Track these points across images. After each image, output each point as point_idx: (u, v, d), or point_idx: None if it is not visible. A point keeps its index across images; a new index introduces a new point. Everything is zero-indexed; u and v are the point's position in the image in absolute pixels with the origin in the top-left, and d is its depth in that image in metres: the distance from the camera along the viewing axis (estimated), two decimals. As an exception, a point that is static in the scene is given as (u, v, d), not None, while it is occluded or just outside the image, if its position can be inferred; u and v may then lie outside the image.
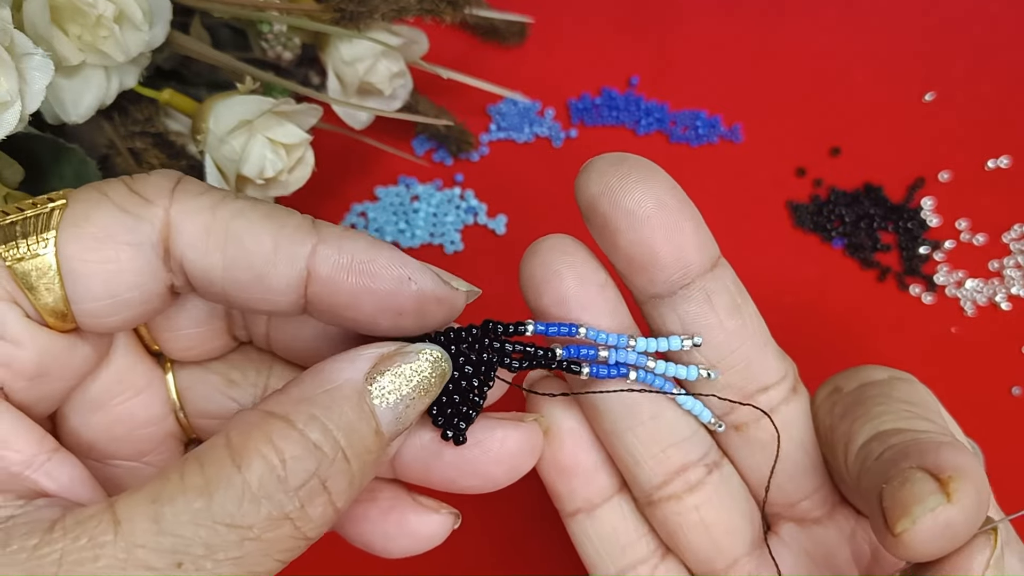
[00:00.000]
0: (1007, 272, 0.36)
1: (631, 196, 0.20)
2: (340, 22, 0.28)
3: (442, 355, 0.18)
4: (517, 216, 0.37)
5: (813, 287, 0.37)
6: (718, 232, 0.40)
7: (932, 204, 0.37)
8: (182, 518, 0.15)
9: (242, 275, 0.17)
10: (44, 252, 0.16)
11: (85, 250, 0.16)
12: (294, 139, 0.27)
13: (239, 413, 0.17)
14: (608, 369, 0.20)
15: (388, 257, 0.17)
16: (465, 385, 0.19)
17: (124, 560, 0.14)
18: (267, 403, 0.17)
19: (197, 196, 0.17)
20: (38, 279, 0.16)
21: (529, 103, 0.39)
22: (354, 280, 0.17)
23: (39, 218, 0.16)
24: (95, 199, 0.17)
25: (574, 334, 0.20)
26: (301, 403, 0.16)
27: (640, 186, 0.20)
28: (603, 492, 0.23)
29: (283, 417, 0.16)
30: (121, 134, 0.28)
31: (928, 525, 0.17)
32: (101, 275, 0.17)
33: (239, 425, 0.16)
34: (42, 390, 0.17)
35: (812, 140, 0.38)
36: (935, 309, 0.36)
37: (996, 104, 0.39)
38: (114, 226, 0.17)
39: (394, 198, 0.37)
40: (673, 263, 0.20)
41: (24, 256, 0.16)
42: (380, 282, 0.17)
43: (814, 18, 0.40)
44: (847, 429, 0.21)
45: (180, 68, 0.32)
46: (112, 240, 0.17)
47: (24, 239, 0.16)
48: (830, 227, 0.37)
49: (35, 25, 0.24)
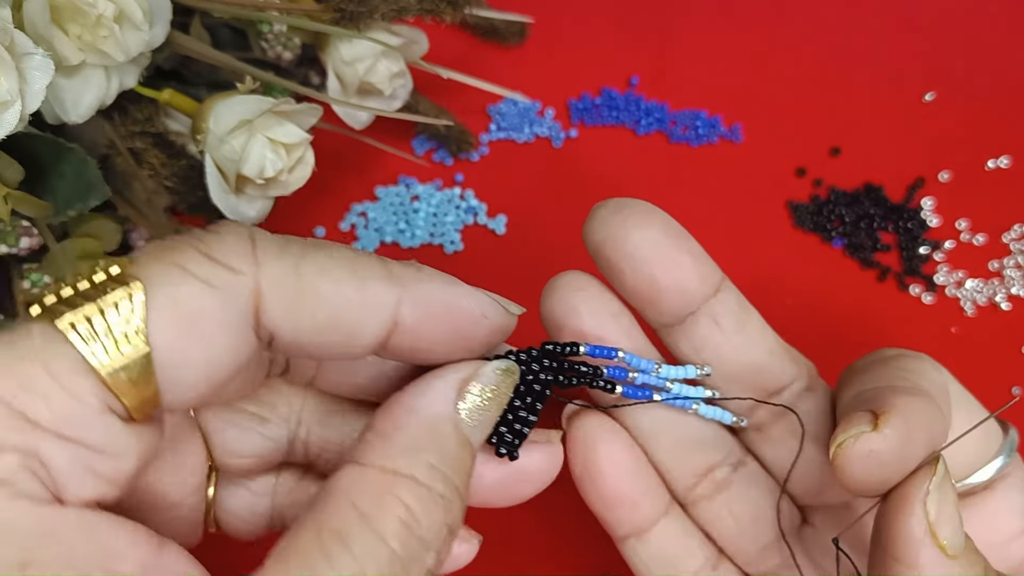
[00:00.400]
0: (1007, 272, 0.36)
1: (631, 240, 0.22)
2: (340, 22, 0.28)
3: (512, 367, 0.19)
4: (517, 216, 0.37)
5: (813, 287, 0.37)
6: (718, 232, 0.40)
7: (932, 204, 0.37)
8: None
9: (331, 336, 0.17)
10: (134, 350, 0.15)
11: (178, 339, 0.15)
12: (294, 139, 0.27)
13: (349, 470, 0.17)
14: (636, 391, 0.23)
15: (465, 297, 0.18)
16: (518, 403, 0.20)
17: None
18: (376, 455, 0.17)
19: (279, 257, 0.16)
20: (128, 378, 0.15)
21: (529, 103, 0.39)
22: (437, 326, 0.18)
23: (120, 309, 0.15)
24: (176, 277, 0.15)
25: (613, 357, 0.22)
26: (416, 452, 0.17)
27: (638, 230, 0.22)
28: (650, 517, 0.24)
29: (408, 476, 0.16)
30: (121, 134, 0.28)
31: (853, 451, 0.19)
32: (199, 363, 0.15)
33: (361, 488, 0.16)
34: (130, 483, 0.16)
35: (812, 140, 0.38)
36: (935, 309, 0.36)
37: (996, 104, 0.39)
38: (205, 307, 0.15)
39: (394, 198, 0.37)
40: (676, 296, 0.22)
41: (113, 359, 0.15)
42: (460, 324, 0.18)
43: (814, 18, 0.40)
44: (840, 396, 0.23)
45: (180, 68, 0.32)
46: (206, 322, 0.15)
47: (110, 337, 0.15)
48: (830, 227, 0.37)
49: (35, 25, 0.24)
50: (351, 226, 0.37)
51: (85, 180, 0.28)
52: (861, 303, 0.36)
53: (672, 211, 0.38)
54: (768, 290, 0.37)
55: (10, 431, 0.14)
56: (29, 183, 0.27)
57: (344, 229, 0.37)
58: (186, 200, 0.29)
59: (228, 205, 0.27)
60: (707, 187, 0.38)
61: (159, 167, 0.28)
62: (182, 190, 0.28)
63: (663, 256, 0.22)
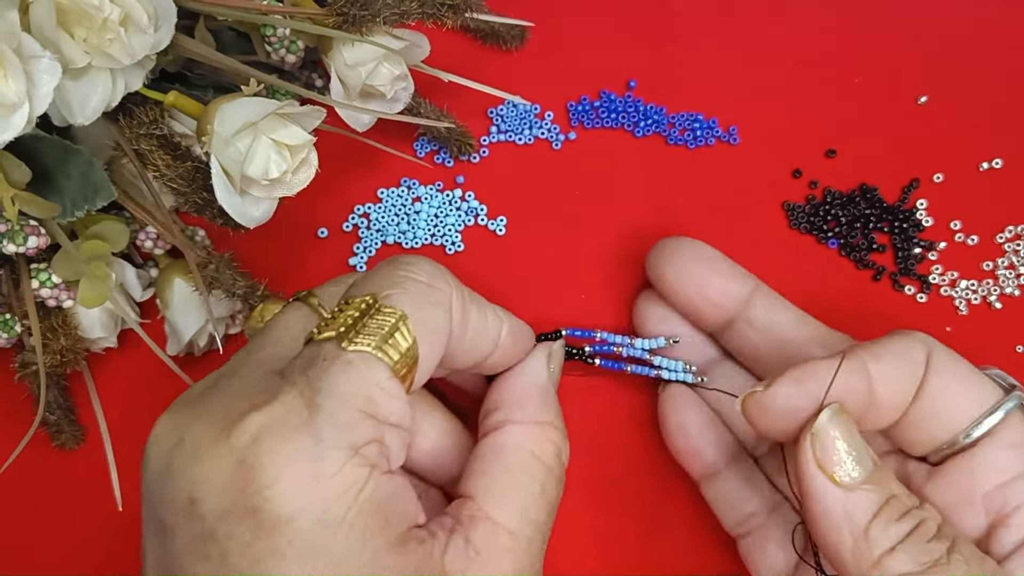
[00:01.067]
0: (1000, 272, 0.37)
1: (667, 275, 0.30)
2: (343, 26, 0.29)
3: (561, 342, 0.29)
4: (517, 217, 0.38)
5: (809, 287, 0.37)
6: (715, 233, 0.41)
7: (926, 205, 0.38)
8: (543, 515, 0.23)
9: (470, 356, 0.25)
10: (410, 357, 0.21)
11: (426, 347, 0.22)
12: (298, 141, 0.28)
13: (511, 428, 0.25)
14: (617, 364, 0.32)
15: (524, 326, 0.27)
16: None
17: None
18: (526, 414, 0.25)
19: (458, 287, 0.24)
20: (402, 373, 0.21)
21: (529, 106, 0.39)
22: (517, 346, 0.26)
23: (401, 332, 0.21)
24: (421, 304, 0.22)
25: (594, 336, 0.31)
26: (545, 408, 0.26)
27: (672, 264, 0.30)
28: (712, 466, 0.30)
29: (550, 423, 0.25)
30: (127, 136, 0.29)
31: (747, 404, 0.24)
32: (432, 361, 0.22)
33: (528, 437, 0.24)
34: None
35: (808, 142, 0.39)
36: (929, 308, 0.37)
37: (990, 107, 0.39)
38: (440, 326, 0.23)
39: (396, 199, 0.38)
40: (712, 312, 0.30)
41: (398, 362, 0.21)
42: (524, 343, 0.27)
43: (809, 23, 0.40)
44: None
45: (185, 71, 0.33)
46: (439, 336, 0.23)
47: (396, 349, 0.21)
48: (826, 228, 0.37)
49: (42, 28, 0.25)
50: (354, 227, 0.37)
51: (91, 181, 0.28)
52: (856, 303, 0.37)
53: (670, 212, 0.38)
54: (765, 290, 0.37)
55: (370, 428, 0.20)
56: (36, 184, 0.28)
57: (347, 230, 0.37)
58: (191, 201, 0.29)
59: (233, 206, 0.27)
60: (704, 188, 0.38)
61: (164, 168, 0.28)
62: (187, 191, 0.29)
63: (696, 284, 0.30)
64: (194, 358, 0.35)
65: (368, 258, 0.37)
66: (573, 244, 0.38)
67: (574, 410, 0.35)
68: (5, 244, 0.28)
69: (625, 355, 0.31)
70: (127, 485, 0.33)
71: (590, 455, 0.34)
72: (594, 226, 0.37)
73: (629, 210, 0.38)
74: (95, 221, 0.31)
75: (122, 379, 0.35)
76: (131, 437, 0.35)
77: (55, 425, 0.34)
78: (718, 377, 0.31)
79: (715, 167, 0.38)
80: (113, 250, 0.31)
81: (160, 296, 0.33)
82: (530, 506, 0.23)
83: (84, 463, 0.35)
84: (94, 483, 0.33)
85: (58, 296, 0.30)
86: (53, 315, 0.31)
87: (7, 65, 0.24)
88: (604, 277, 0.37)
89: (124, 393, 0.35)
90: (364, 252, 0.37)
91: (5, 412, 0.35)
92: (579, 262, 0.37)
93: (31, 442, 0.31)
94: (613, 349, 0.31)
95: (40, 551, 0.34)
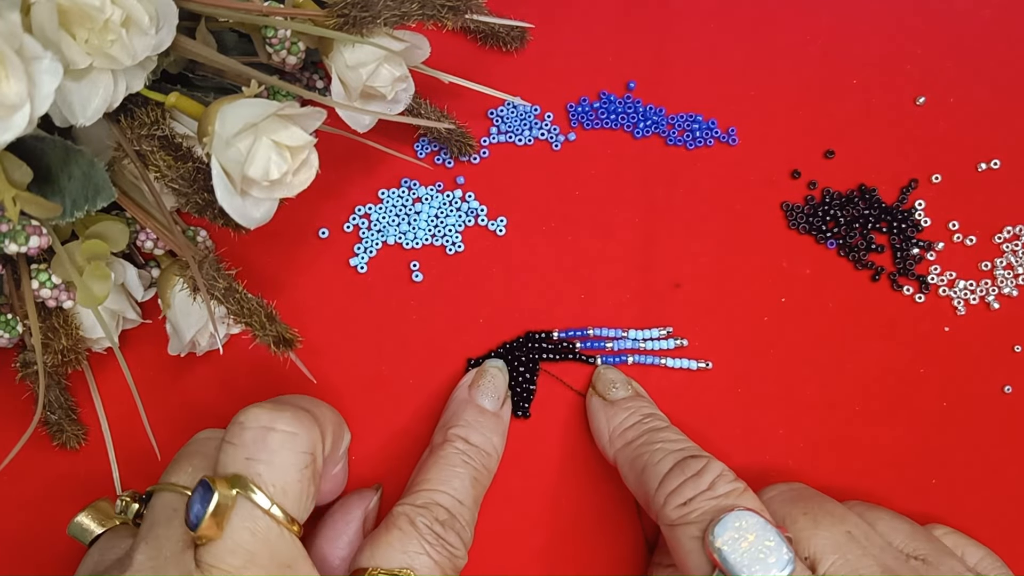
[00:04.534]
0: (998, 272, 0.37)
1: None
2: (344, 27, 0.29)
3: (501, 364, 0.35)
4: (517, 218, 0.38)
5: (807, 287, 0.37)
6: (715, 233, 0.41)
7: (925, 206, 0.38)
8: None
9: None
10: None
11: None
12: (299, 142, 0.28)
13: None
14: (613, 358, 0.36)
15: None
16: (521, 380, 0.35)
17: None
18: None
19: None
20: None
21: (529, 107, 0.39)
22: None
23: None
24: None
25: (587, 334, 0.36)
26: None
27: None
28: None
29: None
30: (128, 136, 0.29)
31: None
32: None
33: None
34: None
35: (806, 143, 0.39)
36: (928, 309, 0.37)
37: (987, 108, 0.39)
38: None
39: (396, 200, 0.38)
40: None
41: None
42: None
43: (807, 24, 0.40)
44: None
45: (186, 72, 0.33)
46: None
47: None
48: (824, 228, 0.37)
49: (44, 29, 0.25)
50: (354, 227, 0.37)
51: (92, 182, 0.28)
52: (855, 303, 0.37)
53: (669, 213, 0.38)
54: (763, 291, 0.37)
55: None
56: (37, 185, 0.28)
57: (347, 230, 0.37)
58: (192, 202, 0.29)
59: (234, 207, 0.28)
60: (703, 189, 0.38)
61: (165, 169, 0.28)
62: (188, 192, 0.29)
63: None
64: (195, 358, 0.35)
65: (368, 258, 0.37)
66: (573, 244, 0.38)
67: (558, 417, 0.35)
68: (7, 244, 0.28)
69: (617, 348, 0.36)
70: (128, 484, 0.33)
71: (574, 460, 0.34)
72: (594, 226, 0.38)
73: (628, 211, 0.38)
74: (95, 221, 0.31)
75: (123, 379, 0.35)
76: (132, 436, 0.35)
77: (56, 424, 0.34)
78: None
79: (714, 168, 0.38)
80: (113, 250, 0.31)
81: (161, 296, 0.33)
82: None
83: (85, 462, 0.35)
84: (95, 483, 0.34)
85: (58, 296, 0.30)
86: (54, 315, 0.31)
87: (9, 66, 0.24)
88: (603, 277, 0.37)
89: (125, 393, 0.35)
90: (365, 253, 0.37)
91: (6, 412, 0.35)
92: (579, 262, 0.38)
93: (32, 441, 0.31)
94: (605, 345, 0.35)
95: (40, 551, 0.34)
